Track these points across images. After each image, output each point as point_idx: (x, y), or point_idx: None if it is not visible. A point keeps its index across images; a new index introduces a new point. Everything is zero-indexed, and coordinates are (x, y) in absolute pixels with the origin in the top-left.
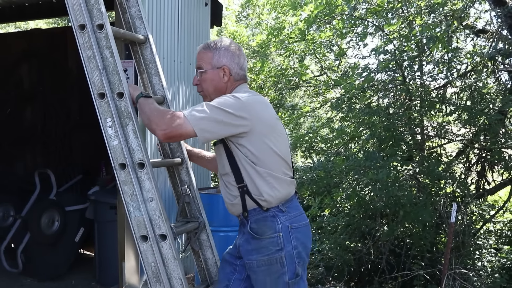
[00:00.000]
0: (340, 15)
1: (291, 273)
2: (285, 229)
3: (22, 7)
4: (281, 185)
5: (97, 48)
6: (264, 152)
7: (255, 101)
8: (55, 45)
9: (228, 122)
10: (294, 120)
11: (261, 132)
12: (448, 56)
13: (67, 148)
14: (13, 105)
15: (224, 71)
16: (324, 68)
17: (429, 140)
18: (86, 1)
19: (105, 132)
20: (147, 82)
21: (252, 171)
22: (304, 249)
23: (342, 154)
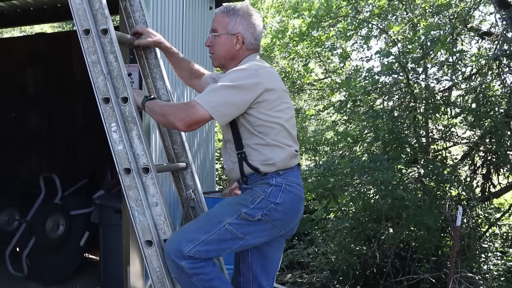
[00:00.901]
0: (343, 17)
1: (251, 212)
2: (279, 186)
3: (27, 12)
4: (282, 155)
5: (101, 53)
6: (269, 121)
7: (265, 72)
8: (59, 49)
9: (243, 100)
10: (298, 124)
11: (269, 102)
12: (453, 59)
13: (72, 152)
14: (18, 109)
15: (238, 39)
16: (328, 71)
17: (434, 143)
18: (91, 5)
19: (109, 137)
20: (151, 86)
21: (254, 139)
22: (283, 214)
23: (347, 157)
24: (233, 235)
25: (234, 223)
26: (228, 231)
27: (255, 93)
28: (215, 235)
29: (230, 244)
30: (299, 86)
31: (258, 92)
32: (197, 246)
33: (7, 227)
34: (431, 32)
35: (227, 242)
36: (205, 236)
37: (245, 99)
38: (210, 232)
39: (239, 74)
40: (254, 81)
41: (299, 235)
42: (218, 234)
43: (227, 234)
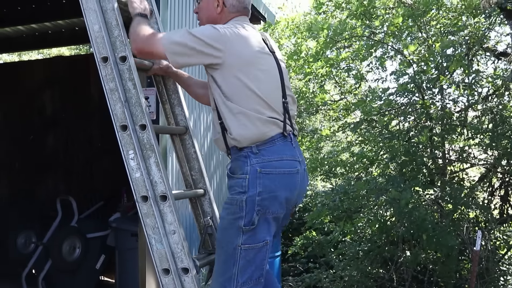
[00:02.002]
0: (358, 37)
1: (247, 219)
2: (253, 172)
3: (45, 35)
4: (253, 124)
5: (119, 80)
6: (236, 88)
7: (235, 34)
8: (77, 72)
9: (199, 50)
10: (314, 144)
11: (235, 66)
12: (469, 79)
13: (88, 174)
14: (36, 132)
15: (218, 1)
16: (343, 93)
17: (450, 164)
18: (110, 33)
19: (127, 164)
20: (169, 112)
21: (224, 107)
22: (271, 198)
23: (363, 178)
24: (255, 249)
25: (245, 240)
26: (247, 249)
27: (210, 50)
28: (243, 260)
29: (260, 255)
30: (315, 107)
31: (213, 51)
32: (238, 279)
33: (24, 250)
34: (446, 50)
35: (257, 256)
36: (235, 267)
37: (201, 51)
38: (237, 261)
39: (207, 29)
40: (214, 40)
41: (315, 257)
42: (243, 258)
43: (250, 251)
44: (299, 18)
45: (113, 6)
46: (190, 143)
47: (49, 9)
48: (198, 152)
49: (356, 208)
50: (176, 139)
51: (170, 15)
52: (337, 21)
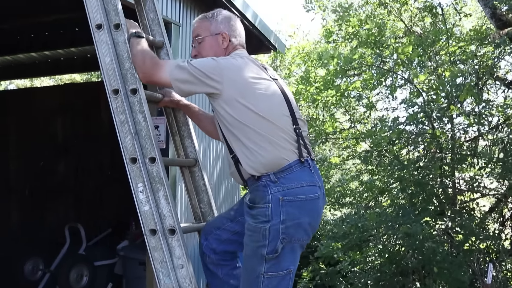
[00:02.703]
0: (368, 66)
1: (270, 248)
2: (276, 201)
3: (58, 61)
4: (269, 151)
5: (130, 112)
6: (242, 115)
7: (231, 64)
8: (88, 99)
9: (200, 80)
10: (323, 172)
11: (234, 93)
12: (479, 108)
13: (98, 201)
14: (46, 158)
15: (223, 37)
16: (353, 122)
17: (461, 194)
18: (121, 65)
19: (136, 197)
20: (179, 144)
21: (235, 138)
22: (296, 225)
23: (373, 208)
24: (278, 277)
25: (268, 268)
26: (270, 277)
27: (208, 81)
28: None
29: (283, 284)
30: (325, 136)
31: (211, 81)
32: None
33: (31, 277)
34: (455, 79)
35: (280, 284)
36: None
37: (202, 81)
38: None
39: (207, 61)
40: (213, 71)
41: (324, 287)
42: (266, 286)
43: (273, 280)
44: (309, 46)
45: (124, 39)
46: (200, 175)
47: (62, 37)
48: (207, 185)
49: (366, 238)
50: (186, 171)
51: (181, 45)
52: (347, 51)
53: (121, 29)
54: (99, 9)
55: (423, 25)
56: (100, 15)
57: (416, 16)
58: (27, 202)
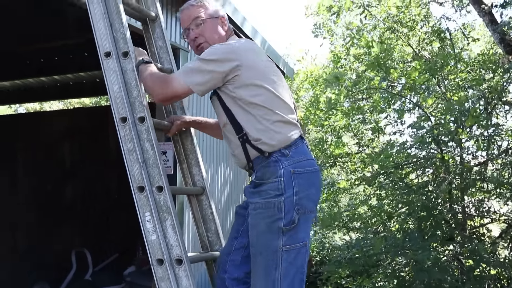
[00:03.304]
0: (376, 89)
1: (287, 219)
2: (287, 174)
3: (67, 86)
4: (282, 127)
5: (137, 141)
6: (260, 94)
7: (245, 46)
8: (96, 124)
9: (218, 70)
10: (331, 197)
11: (253, 74)
12: (488, 132)
13: (104, 226)
14: (54, 182)
15: (222, 21)
16: (361, 145)
17: (471, 219)
18: (129, 94)
19: (143, 226)
20: (187, 172)
21: (249, 116)
22: (306, 196)
23: (381, 232)
24: (295, 249)
25: (286, 241)
26: (288, 250)
27: (229, 65)
28: (285, 263)
29: (300, 257)
30: (333, 159)
31: (232, 64)
32: (282, 283)
33: None
34: (461, 106)
35: (297, 258)
36: (278, 271)
37: (218, 69)
38: (278, 265)
39: (217, 47)
40: (228, 54)
41: None
42: (285, 260)
43: (291, 253)
44: (317, 71)
45: (132, 67)
46: (207, 204)
47: (71, 62)
48: (215, 214)
49: (374, 263)
50: (193, 199)
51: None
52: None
53: (129, 57)
54: (107, 37)
55: (431, 50)
56: (109, 43)
57: (424, 40)
58: (34, 226)
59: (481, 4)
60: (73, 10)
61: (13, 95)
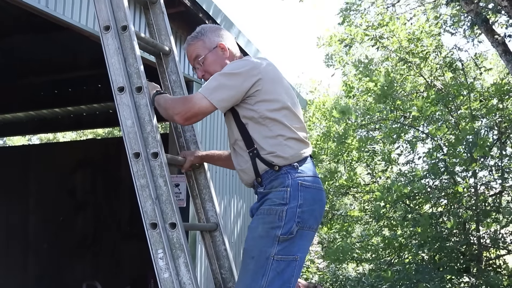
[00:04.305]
0: (387, 120)
1: (286, 229)
2: (295, 185)
3: (80, 117)
4: (295, 144)
5: (150, 176)
6: (279, 110)
7: (261, 62)
8: (109, 155)
9: (241, 85)
10: (344, 228)
11: (274, 89)
12: (502, 162)
13: (115, 257)
14: (66, 213)
15: (221, 47)
16: (374, 176)
17: (486, 250)
18: (142, 129)
19: (155, 264)
20: (200, 207)
21: (265, 131)
22: (309, 211)
23: (394, 264)
24: (285, 261)
25: (279, 250)
26: (279, 261)
27: (251, 80)
28: (273, 272)
29: (289, 270)
30: (345, 189)
31: (255, 79)
32: None
33: None
34: (474, 135)
35: (286, 270)
36: (264, 279)
37: (241, 84)
38: (267, 272)
39: (236, 63)
40: (250, 69)
41: None
42: (274, 270)
43: (281, 263)
44: (330, 101)
45: (146, 102)
46: (221, 240)
47: (85, 93)
48: (228, 250)
49: None
50: (206, 235)
51: None
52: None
53: (143, 92)
54: (121, 72)
55: (443, 80)
56: (123, 77)
57: (436, 71)
58: (44, 257)
59: (494, 35)
60: (87, 43)
61: (27, 125)
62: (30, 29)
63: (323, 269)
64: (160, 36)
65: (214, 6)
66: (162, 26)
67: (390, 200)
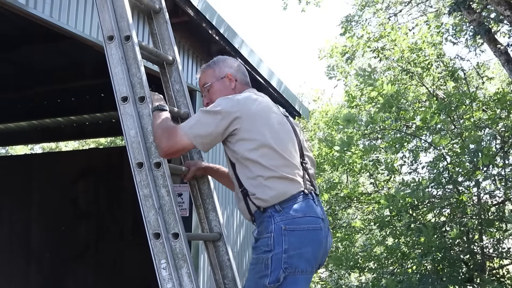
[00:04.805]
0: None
1: (273, 278)
2: (278, 230)
3: (83, 126)
4: (276, 183)
5: (153, 186)
6: (256, 149)
7: (246, 98)
8: (111, 164)
9: (217, 123)
10: (348, 237)
11: (253, 127)
12: (505, 172)
13: (118, 267)
14: (68, 222)
15: (229, 78)
16: (377, 186)
17: (490, 260)
18: (145, 139)
19: (158, 274)
20: (203, 217)
21: (246, 171)
22: (298, 255)
23: (397, 273)
24: None
25: None
26: None
27: (229, 117)
28: None
29: None
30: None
31: (232, 117)
32: None
33: None
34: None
35: None
36: None
37: (219, 123)
38: None
39: (220, 100)
40: (230, 107)
41: None
42: None
43: None
44: (332, 111)
45: (149, 112)
46: (224, 250)
47: (88, 103)
48: (232, 260)
49: None
50: (210, 245)
51: None
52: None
53: (145, 102)
54: (124, 82)
55: (445, 89)
56: (126, 87)
57: (438, 80)
58: (46, 266)
59: (497, 44)
60: (90, 52)
61: (30, 135)
62: (34, 39)
63: (325, 278)
64: (164, 46)
65: (218, 16)
66: (165, 35)
67: (396, 208)
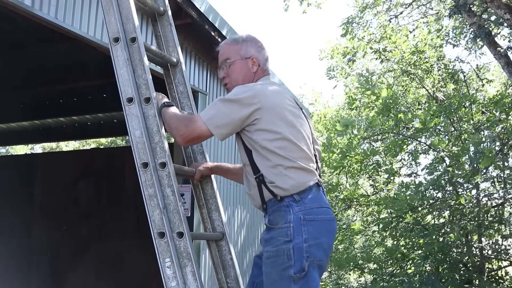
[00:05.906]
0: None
1: (297, 267)
2: (297, 220)
3: (84, 126)
4: (296, 174)
5: (158, 186)
6: (276, 140)
7: (268, 89)
8: (113, 164)
9: (237, 112)
10: (346, 238)
11: (273, 119)
12: (504, 174)
13: (120, 267)
14: (70, 222)
15: (253, 61)
16: (376, 188)
17: (489, 262)
18: (150, 139)
19: (163, 273)
20: (206, 217)
21: (265, 160)
22: (316, 245)
23: (396, 274)
24: None
25: None
26: None
27: (250, 108)
28: None
29: None
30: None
31: (253, 108)
32: None
33: None
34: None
35: None
36: None
37: (239, 113)
38: None
39: (240, 89)
40: (249, 97)
41: None
42: None
43: None
44: (331, 113)
45: (154, 113)
46: (227, 249)
47: (90, 103)
48: (234, 259)
49: None
50: (212, 244)
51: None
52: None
53: (151, 103)
54: (130, 83)
55: (445, 91)
56: (131, 88)
57: (439, 82)
58: (48, 265)
59: (497, 47)
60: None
61: (32, 134)
62: (38, 40)
63: (324, 279)
64: (168, 48)
65: (220, 18)
66: (170, 37)
67: (397, 211)
